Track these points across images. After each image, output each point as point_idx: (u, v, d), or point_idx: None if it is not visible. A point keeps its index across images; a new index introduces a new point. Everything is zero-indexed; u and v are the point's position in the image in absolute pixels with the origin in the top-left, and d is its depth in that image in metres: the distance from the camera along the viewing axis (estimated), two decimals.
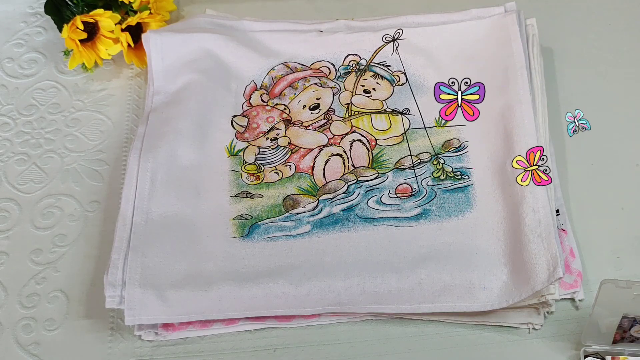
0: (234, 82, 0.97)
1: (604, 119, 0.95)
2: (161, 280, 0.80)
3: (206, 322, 0.81)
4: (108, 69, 1.01)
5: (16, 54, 1.03)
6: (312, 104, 0.96)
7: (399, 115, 0.94)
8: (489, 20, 0.96)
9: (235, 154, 0.92)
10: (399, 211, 0.87)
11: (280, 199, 0.89)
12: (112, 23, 0.96)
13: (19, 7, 1.07)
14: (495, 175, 0.87)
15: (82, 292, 0.85)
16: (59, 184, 0.92)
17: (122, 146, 0.95)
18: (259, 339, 0.82)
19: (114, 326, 0.83)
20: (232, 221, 0.87)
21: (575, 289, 0.81)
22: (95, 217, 0.90)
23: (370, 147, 0.92)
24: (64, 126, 0.97)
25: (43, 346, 0.82)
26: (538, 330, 0.81)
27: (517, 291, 0.78)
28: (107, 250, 0.83)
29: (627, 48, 1.00)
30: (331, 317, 0.82)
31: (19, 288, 0.85)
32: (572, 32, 1.02)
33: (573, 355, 0.79)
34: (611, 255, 0.85)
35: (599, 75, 0.98)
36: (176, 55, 0.96)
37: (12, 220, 0.90)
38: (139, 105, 0.98)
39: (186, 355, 0.81)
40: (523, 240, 0.80)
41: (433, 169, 0.89)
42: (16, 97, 0.99)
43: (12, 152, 0.95)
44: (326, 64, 0.98)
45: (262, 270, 0.82)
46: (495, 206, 0.85)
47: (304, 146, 0.92)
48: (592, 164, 0.91)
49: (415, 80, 0.96)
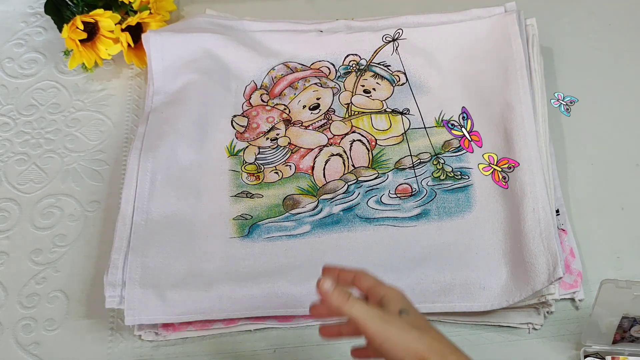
0: (234, 82, 0.97)
1: (604, 119, 0.95)
2: (161, 280, 0.80)
3: (206, 322, 0.81)
4: (108, 69, 1.01)
5: (16, 54, 1.03)
6: (312, 104, 0.96)
7: (399, 115, 0.94)
8: (489, 20, 0.96)
9: (235, 154, 0.92)
10: (399, 211, 0.87)
11: (280, 199, 0.89)
12: (112, 23, 0.96)
13: (19, 7, 1.07)
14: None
15: (82, 292, 0.85)
16: (59, 184, 0.92)
17: (122, 146, 0.95)
18: (259, 339, 0.82)
19: (114, 326, 0.83)
20: (232, 221, 0.87)
21: (575, 289, 0.81)
22: (95, 217, 0.90)
23: (370, 147, 0.92)
24: (64, 126, 0.97)
25: (43, 346, 0.82)
26: (538, 330, 0.81)
27: (517, 291, 0.78)
28: (107, 250, 0.83)
29: (627, 48, 1.00)
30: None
31: (19, 288, 0.85)
32: (572, 32, 1.02)
33: (573, 355, 0.79)
34: (611, 255, 0.85)
35: (599, 75, 0.98)
36: (176, 55, 0.96)
37: (12, 220, 0.90)
38: (139, 105, 0.98)
39: (186, 355, 0.81)
40: (523, 240, 0.80)
41: (433, 169, 0.89)
42: (16, 97, 0.99)
43: (12, 152, 0.95)
44: (326, 64, 0.98)
45: (262, 270, 0.82)
46: (495, 206, 0.85)
47: (304, 146, 0.92)
48: (592, 164, 0.91)
49: (415, 80, 0.96)
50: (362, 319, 0.61)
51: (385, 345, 0.60)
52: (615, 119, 0.95)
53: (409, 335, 0.61)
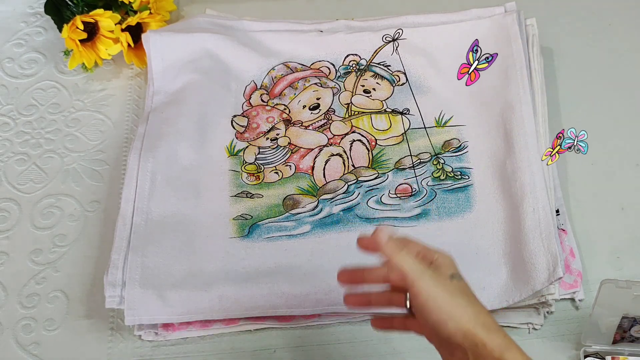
0: (234, 82, 0.97)
1: (604, 119, 0.95)
2: (161, 280, 0.80)
3: (206, 322, 0.81)
4: (108, 69, 1.01)
5: (16, 54, 1.03)
6: (312, 104, 0.96)
7: (399, 115, 0.94)
8: (489, 20, 0.96)
9: (235, 154, 0.92)
10: (399, 211, 0.87)
11: (280, 199, 0.89)
12: (112, 23, 0.96)
13: (19, 7, 1.07)
14: (495, 175, 0.87)
15: (82, 292, 0.85)
16: (59, 184, 0.92)
17: (122, 146, 0.95)
18: (259, 339, 0.82)
19: (114, 326, 0.83)
20: (232, 221, 0.87)
21: (575, 289, 0.81)
22: (95, 217, 0.90)
23: (370, 147, 0.92)
24: (64, 126, 0.97)
25: (43, 346, 0.82)
26: (538, 330, 0.81)
27: (517, 291, 0.78)
28: (107, 250, 0.83)
29: (627, 48, 1.00)
30: (331, 317, 0.82)
31: (19, 288, 0.85)
32: (572, 32, 1.02)
33: (573, 355, 0.79)
34: (611, 255, 0.85)
35: (599, 75, 0.98)
36: (176, 55, 0.95)
37: (12, 220, 0.90)
38: (139, 105, 0.98)
39: (186, 355, 0.81)
40: (523, 240, 0.80)
41: (433, 169, 0.89)
42: (16, 97, 0.99)
43: (12, 152, 0.95)
44: (326, 64, 0.98)
45: (262, 270, 0.82)
46: (495, 206, 0.85)
47: (304, 146, 0.92)
48: (592, 164, 0.91)
49: (415, 80, 0.96)
50: (411, 272, 0.59)
51: (430, 304, 0.58)
52: (615, 119, 0.95)
53: (457, 300, 0.59)
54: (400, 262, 0.60)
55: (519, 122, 0.87)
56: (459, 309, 0.58)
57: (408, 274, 0.59)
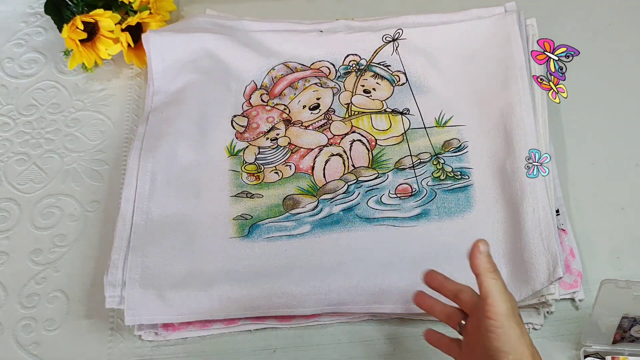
0: (234, 82, 0.97)
1: (604, 119, 0.95)
2: (161, 280, 0.80)
3: (206, 322, 0.81)
4: (108, 69, 1.01)
5: (16, 54, 1.03)
6: (312, 104, 0.96)
7: (399, 115, 0.94)
8: (489, 20, 0.96)
9: (235, 154, 0.92)
10: (399, 211, 0.87)
11: (280, 199, 0.89)
12: (112, 23, 0.96)
13: (19, 7, 1.07)
14: (495, 175, 0.87)
15: (82, 292, 0.85)
16: (59, 184, 0.92)
17: (122, 146, 0.95)
18: (259, 339, 0.82)
19: (114, 326, 0.83)
20: (232, 221, 0.87)
21: (575, 289, 0.81)
22: (95, 217, 0.90)
23: (370, 147, 0.92)
24: (64, 126, 0.97)
25: (43, 346, 0.82)
26: (538, 330, 0.81)
27: (517, 291, 0.78)
28: (107, 250, 0.83)
29: (627, 48, 1.00)
30: (331, 317, 0.82)
31: (19, 288, 0.85)
32: (572, 32, 1.02)
33: (573, 355, 0.79)
34: (611, 255, 0.85)
35: (598, 75, 0.98)
36: (176, 55, 0.95)
37: (12, 220, 0.90)
38: (139, 105, 0.98)
39: (186, 355, 0.81)
40: (523, 240, 0.80)
41: (433, 169, 0.89)
42: (16, 97, 0.99)
43: (12, 152, 0.95)
44: (326, 64, 0.98)
45: (262, 270, 0.82)
46: (495, 206, 0.85)
47: (304, 146, 0.92)
48: (592, 164, 0.91)
49: (415, 80, 0.96)
50: (496, 293, 0.62)
51: (499, 331, 0.62)
52: (616, 119, 0.95)
53: (525, 338, 0.62)
54: (488, 282, 0.63)
55: (519, 122, 0.87)
56: (523, 347, 0.62)
57: (492, 295, 0.63)
